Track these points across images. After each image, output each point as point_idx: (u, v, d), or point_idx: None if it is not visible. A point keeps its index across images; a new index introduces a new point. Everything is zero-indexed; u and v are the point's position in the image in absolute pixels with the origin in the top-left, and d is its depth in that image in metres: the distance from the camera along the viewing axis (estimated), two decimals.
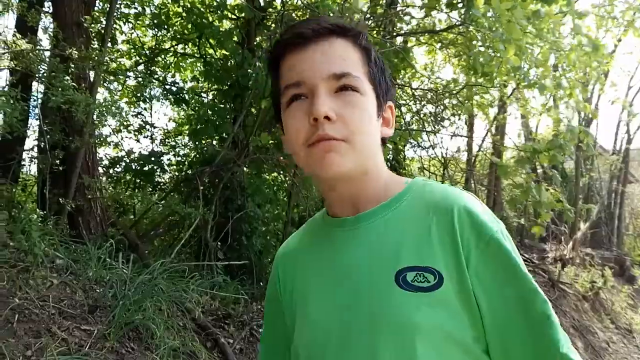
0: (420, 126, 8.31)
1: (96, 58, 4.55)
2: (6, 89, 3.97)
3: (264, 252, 5.93)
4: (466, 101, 7.78)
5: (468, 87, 6.97)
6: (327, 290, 0.87)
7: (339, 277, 0.86)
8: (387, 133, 0.91)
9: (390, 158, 9.34)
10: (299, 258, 0.98)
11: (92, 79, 4.91)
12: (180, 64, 7.79)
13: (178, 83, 7.59)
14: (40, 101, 4.98)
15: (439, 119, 9.15)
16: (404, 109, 8.25)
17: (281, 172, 6.86)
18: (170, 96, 7.05)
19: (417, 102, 8.14)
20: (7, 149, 5.00)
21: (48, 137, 4.48)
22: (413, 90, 7.79)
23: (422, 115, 8.60)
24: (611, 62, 8.69)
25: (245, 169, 5.91)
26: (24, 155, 5.34)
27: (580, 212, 11.54)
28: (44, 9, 5.64)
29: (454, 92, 6.99)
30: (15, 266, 3.46)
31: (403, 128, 5.69)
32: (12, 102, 3.81)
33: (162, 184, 6.72)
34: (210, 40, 6.83)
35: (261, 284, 5.62)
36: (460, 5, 5.05)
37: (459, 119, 10.22)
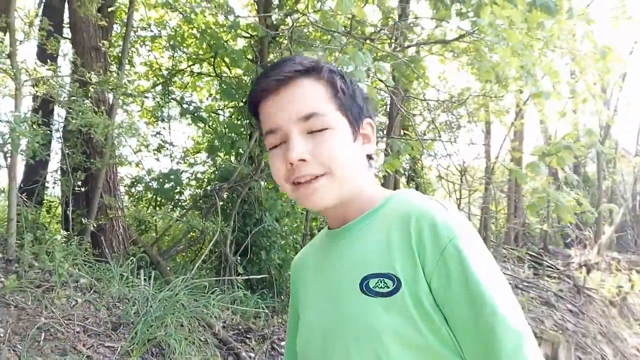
0: (437, 135, 8.32)
1: (114, 81, 4.68)
2: (28, 115, 4.10)
3: (284, 266, 5.97)
4: (481, 108, 7.77)
5: (482, 94, 6.97)
6: (317, 297, 0.97)
7: (326, 285, 0.94)
8: (369, 150, 0.96)
9: (407, 168, 9.36)
10: (305, 266, 1.08)
11: (111, 102, 5.05)
12: (197, 83, 7.94)
13: (195, 102, 7.73)
14: (61, 125, 5.13)
15: (454, 127, 9.15)
16: (418, 119, 8.27)
17: None
18: (188, 115, 7.18)
19: (431, 111, 8.15)
20: (31, 173, 5.16)
21: (70, 159, 4.62)
22: (426, 100, 7.81)
23: (437, 125, 8.61)
24: (625, 64, 8.59)
25: (262, 183, 5.98)
26: (48, 177, 5.50)
27: (604, 215, 11.34)
28: (62, 35, 5.83)
29: (467, 100, 7.00)
30: (40, 286, 3.56)
31: (417, 138, 5.71)
32: (34, 127, 3.94)
33: (182, 201, 6.82)
34: (225, 59, 6.96)
35: (282, 297, 5.65)
36: (470, 14, 5.09)
37: (476, 126, 10.21)
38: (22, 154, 3.98)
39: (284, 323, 5.08)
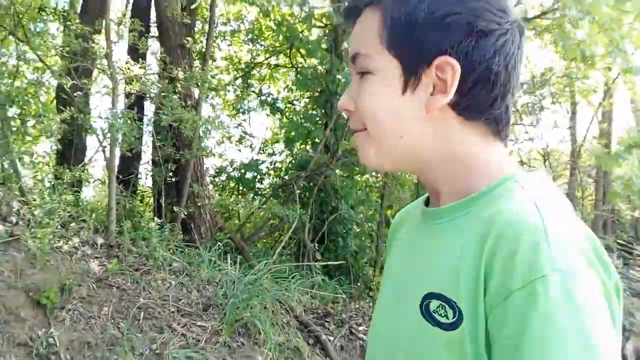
0: (518, 118, 8.04)
1: (200, 77, 4.95)
2: (124, 111, 4.44)
3: (360, 253, 6.08)
4: (566, 89, 7.43)
5: (567, 74, 6.68)
6: (391, 286, 0.82)
7: (403, 276, 0.79)
8: (437, 102, 0.68)
9: None
10: (398, 234, 0.91)
11: (196, 96, 5.34)
12: (274, 75, 8.17)
13: (272, 93, 7.97)
14: (152, 119, 5.50)
15: (536, 109, 8.80)
16: None
17: (373, 173, 6.98)
18: (266, 106, 7.42)
19: None
20: (126, 165, 5.59)
21: (161, 151, 4.96)
22: None
23: (518, 107, 8.32)
24: None
25: (337, 172, 6.10)
26: (141, 169, 5.93)
27: None
28: (149, 33, 6.20)
29: (550, 80, 6.72)
30: (138, 269, 3.89)
31: None
32: (129, 122, 4.27)
33: (262, 189, 7.10)
34: (300, 50, 7.11)
35: (358, 284, 5.77)
36: None
37: (560, 108, 9.75)
38: (121, 146, 4.32)
39: (362, 309, 5.20)
